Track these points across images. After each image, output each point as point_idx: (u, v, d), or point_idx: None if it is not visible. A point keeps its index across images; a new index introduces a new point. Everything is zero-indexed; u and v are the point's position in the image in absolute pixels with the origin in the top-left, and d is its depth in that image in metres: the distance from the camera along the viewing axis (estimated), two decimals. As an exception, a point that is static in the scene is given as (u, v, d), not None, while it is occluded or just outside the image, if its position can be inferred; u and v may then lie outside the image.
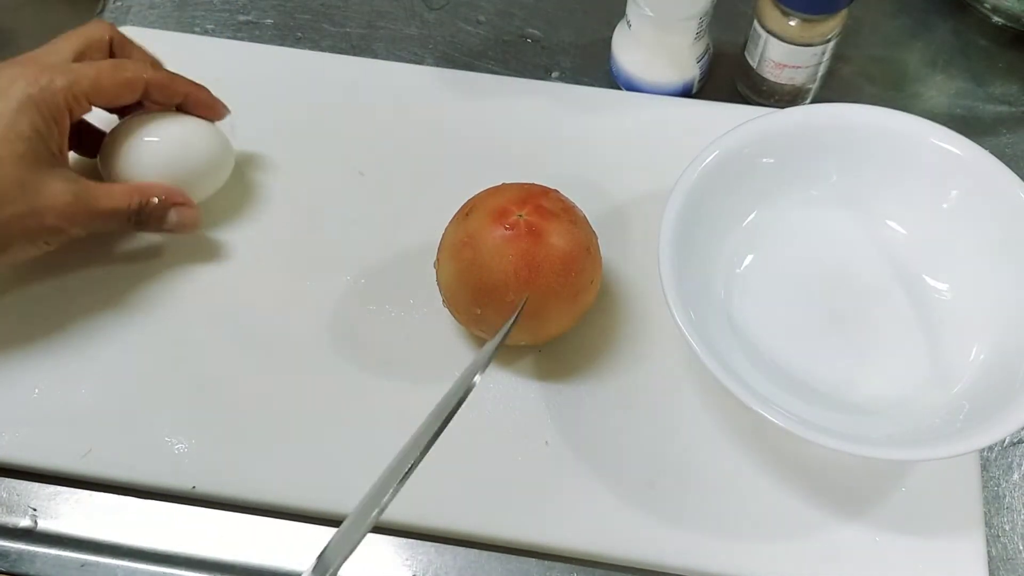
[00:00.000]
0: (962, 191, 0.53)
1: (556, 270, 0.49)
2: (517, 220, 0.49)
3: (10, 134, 0.47)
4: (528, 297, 0.49)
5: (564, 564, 0.50)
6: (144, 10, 0.69)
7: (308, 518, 0.51)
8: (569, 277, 0.49)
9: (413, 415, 0.52)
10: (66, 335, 0.55)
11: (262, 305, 0.56)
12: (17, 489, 0.52)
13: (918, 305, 0.54)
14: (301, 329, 0.55)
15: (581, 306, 0.52)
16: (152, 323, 0.55)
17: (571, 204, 0.52)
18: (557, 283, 0.49)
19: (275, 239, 0.58)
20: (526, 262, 0.48)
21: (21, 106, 0.47)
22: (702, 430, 0.52)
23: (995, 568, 0.50)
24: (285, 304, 0.56)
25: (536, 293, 0.49)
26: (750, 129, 0.53)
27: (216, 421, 0.53)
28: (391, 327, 0.55)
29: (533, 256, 0.48)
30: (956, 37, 0.68)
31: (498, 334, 0.47)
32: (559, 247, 0.49)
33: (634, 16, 0.60)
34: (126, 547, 0.51)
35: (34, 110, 0.47)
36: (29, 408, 0.53)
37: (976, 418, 0.47)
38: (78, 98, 0.49)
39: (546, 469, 0.51)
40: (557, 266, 0.49)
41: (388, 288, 0.56)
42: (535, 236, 0.49)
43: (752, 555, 0.49)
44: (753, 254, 0.55)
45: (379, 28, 0.69)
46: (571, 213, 0.51)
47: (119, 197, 0.51)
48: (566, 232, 0.50)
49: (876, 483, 0.51)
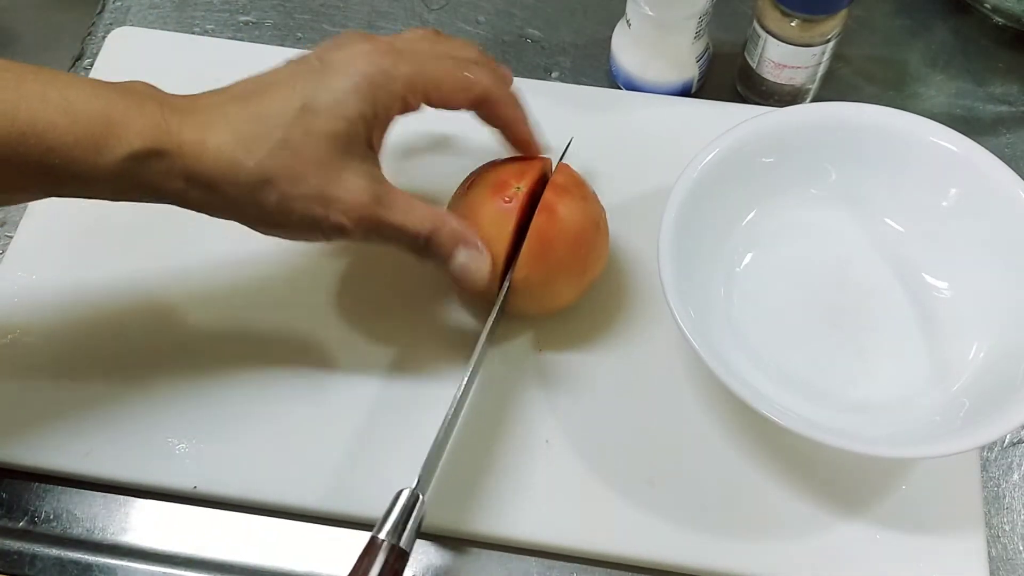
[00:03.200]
0: (961, 189, 0.53)
1: (568, 244, 0.50)
2: (516, 192, 0.50)
3: (335, 109, 0.43)
4: (514, 269, 0.50)
5: (564, 563, 0.50)
6: (144, 10, 0.69)
7: (309, 518, 0.51)
8: (579, 252, 0.51)
9: (414, 415, 0.53)
10: (67, 334, 0.55)
11: (263, 304, 0.56)
12: (17, 489, 0.52)
13: (917, 303, 0.54)
14: (302, 328, 0.55)
15: (589, 280, 0.53)
16: (153, 322, 0.55)
17: (582, 179, 0.53)
18: (568, 257, 0.50)
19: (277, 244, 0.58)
20: (538, 236, 0.49)
21: (357, 85, 0.43)
22: (702, 428, 0.52)
23: (995, 568, 0.50)
24: (286, 303, 0.56)
25: (548, 267, 0.50)
26: (749, 128, 0.53)
27: (217, 421, 0.53)
28: (393, 325, 0.55)
29: (546, 231, 0.49)
30: (956, 37, 0.68)
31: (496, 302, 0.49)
32: (571, 222, 0.50)
33: (634, 15, 0.60)
34: (126, 547, 0.51)
35: (368, 93, 0.43)
36: (30, 408, 0.53)
37: (976, 415, 0.47)
38: (416, 91, 0.45)
39: (546, 468, 0.51)
40: (569, 240, 0.50)
41: (390, 286, 0.56)
42: (548, 210, 0.49)
43: (752, 553, 0.49)
44: (753, 253, 0.55)
45: (379, 28, 0.69)
46: (582, 188, 0.52)
47: (416, 217, 0.45)
48: (577, 207, 0.51)
49: (876, 481, 0.51)
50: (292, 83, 0.44)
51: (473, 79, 0.47)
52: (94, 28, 0.69)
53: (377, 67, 0.44)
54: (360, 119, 0.44)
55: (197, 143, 0.42)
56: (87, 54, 0.67)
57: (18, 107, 0.40)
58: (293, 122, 0.43)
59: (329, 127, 0.43)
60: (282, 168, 0.42)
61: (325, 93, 0.43)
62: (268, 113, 0.43)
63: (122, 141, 0.41)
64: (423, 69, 0.45)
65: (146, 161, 0.41)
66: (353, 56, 0.44)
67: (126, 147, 0.41)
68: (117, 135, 0.41)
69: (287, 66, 0.45)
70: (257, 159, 0.42)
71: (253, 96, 0.44)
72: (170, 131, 0.42)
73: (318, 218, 0.44)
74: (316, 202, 0.43)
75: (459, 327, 0.55)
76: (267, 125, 0.43)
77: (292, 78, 0.44)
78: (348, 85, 0.43)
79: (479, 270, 0.47)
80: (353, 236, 0.45)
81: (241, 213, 0.44)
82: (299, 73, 0.44)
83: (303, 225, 0.44)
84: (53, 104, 0.40)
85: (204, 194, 0.43)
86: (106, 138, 0.41)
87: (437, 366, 0.54)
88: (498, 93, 0.48)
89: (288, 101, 0.43)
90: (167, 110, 0.42)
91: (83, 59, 0.67)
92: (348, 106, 0.43)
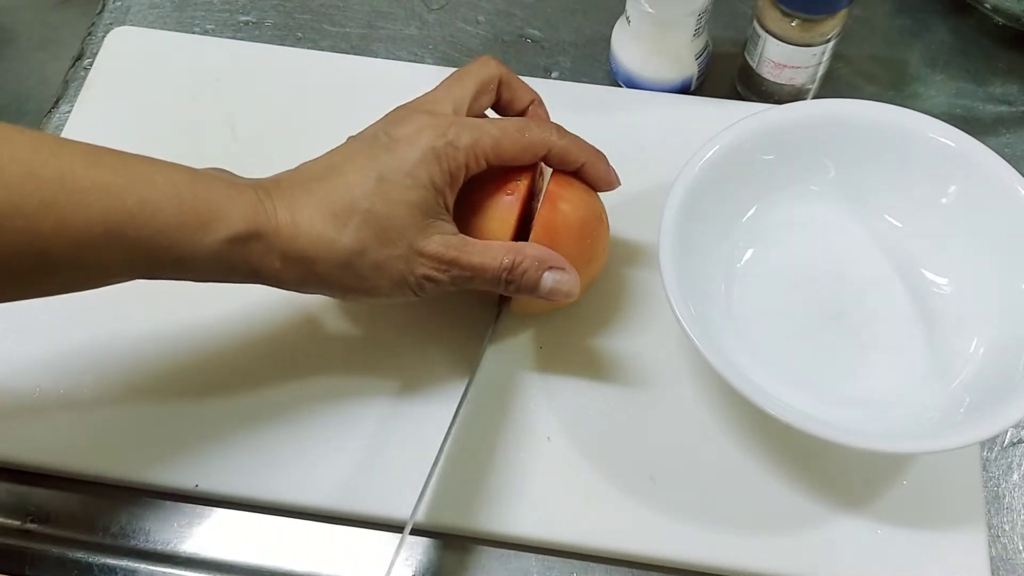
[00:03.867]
0: (960, 185, 0.53)
1: (573, 235, 0.50)
2: (517, 185, 0.50)
3: (408, 180, 0.46)
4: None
5: (565, 560, 0.50)
6: (144, 10, 0.69)
7: (310, 516, 0.51)
8: (584, 242, 0.51)
9: (415, 414, 0.53)
10: (67, 334, 0.55)
11: (264, 304, 0.56)
12: (17, 489, 0.52)
13: (917, 299, 0.54)
14: (303, 328, 0.55)
15: (592, 273, 0.53)
16: (153, 322, 0.55)
17: None
18: (574, 248, 0.50)
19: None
20: (544, 227, 0.50)
21: (424, 157, 0.46)
22: (702, 424, 0.52)
23: (995, 568, 0.50)
24: (287, 302, 0.56)
25: None
26: (749, 125, 0.53)
27: (219, 419, 0.52)
28: (393, 325, 0.55)
29: (552, 222, 0.50)
30: (956, 37, 0.69)
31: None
32: (576, 214, 0.51)
33: (633, 12, 0.60)
34: (126, 547, 0.51)
35: (435, 163, 0.46)
36: (30, 408, 0.53)
37: (977, 411, 0.47)
38: (479, 157, 0.48)
39: (547, 465, 0.51)
40: (574, 231, 0.51)
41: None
42: (553, 202, 0.50)
43: (753, 549, 0.49)
44: (753, 249, 0.56)
45: (379, 28, 0.69)
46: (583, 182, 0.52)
47: (493, 253, 0.48)
48: (581, 200, 0.51)
49: (877, 477, 0.51)
50: (366, 159, 0.47)
51: (538, 140, 0.50)
52: (94, 28, 0.69)
53: (442, 140, 0.47)
54: (431, 187, 0.47)
55: (290, 224, 0.45)
56: (87, 54, 0.67)
57: (127, 189, 0.41)
58: (374, 193, 0.46)
59: (407, 195, 0.46)
60: (372, 237, 0.45)
61: (398, 165, 0.46)
62: (350, 188, 0.46)
63: (226, 223, 0.43)
64: (482, 136, 0.48)
65: (247, 243, 0.44)
66: (419, 130, 0.47)
67: (230, 229, 0.43)
68: (221, 218, 0.43)
69: (354, 143, 0.48)
70: (349, 232, 0.45)
71: (332, 174, 0.47)
72: (267, 212, 0.44)
73: (406, 274, 0.47)
74: (404, 261, 0.46)
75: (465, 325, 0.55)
76: (352, 199, 0.45)
77: (363, 155, 0.47)
78: (417, 156, 0.46)
79: (569, 287, 0.49)
80: (444, 286, 0.48)
81: (336, 285, 0.47)
82: (369, 149, 0.47)
83: (393, 284, 0.47)
84: (160, 187, 0.42)
85: (300, 271, 0.46)
86: (211, 221, 0.43)
87: (439, 368, 0.54)
88: (560, 144, 0.50)
89: (366, 175, 0.46)
90: (261, 193, 0.45)
91: (83, 59, 0.67)
92: (420, 176, 0.46)
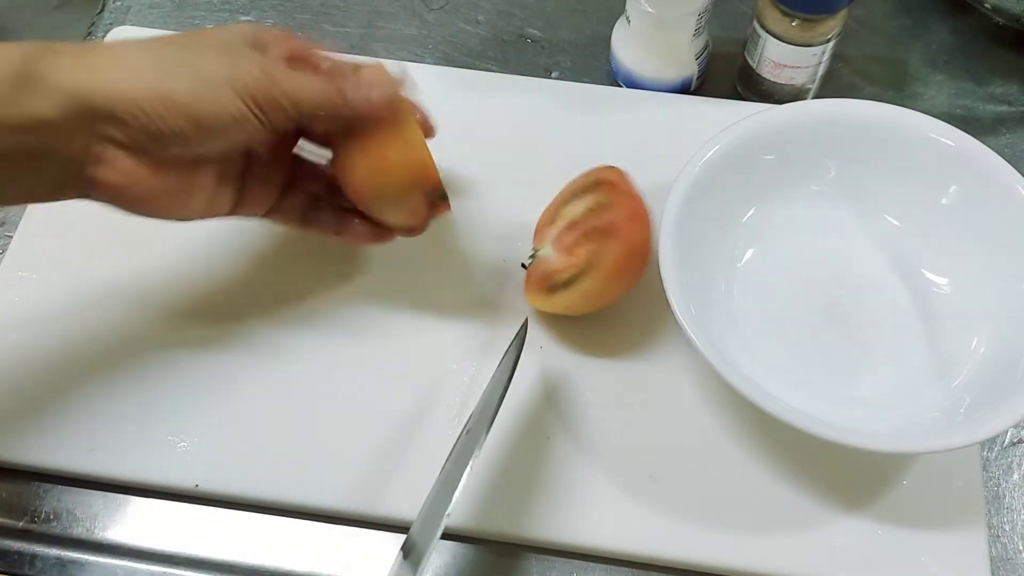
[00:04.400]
0: (960, 185, 0.53)
1: (641, 261, 0.52)
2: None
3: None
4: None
5: (564, 560, 0.50)
6: (144, 10, 0.69)
7: (311, 516, 0.51)
8: (639, 266, 0.52)
9: (415, 414, 0.52)
10: (67, 334, 0.55)
11: (264, 304, 0.56)
12: (17, 489, 0.52)
13: (918, 299, 0.54)
14: (304, 328, 0.55)
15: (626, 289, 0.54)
16: (154, 321, 0.55)
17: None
18: (635, 274, 0.52)
19: (277, 237, 0.58)
20: (628, 252, 0.51)
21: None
22: (703, 424, 0.52)
23: (995, 568, 0.50)
24: (287, 303, 0.56)
25: (622, 281, 0.52)
26: (750, 125, 0.53)
27: (219, 419, 0.53)
28: (394, 326, 0.55)
29: (635, 244, 0.51)
30: (956, 37, 0.69)
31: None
32: (644, 240, 0.52)
33: (633, 12, 0.60)
34: (126, 547, 0.51)
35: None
36: (31, 408, 0.53)
37: (977, 410, 0.47)
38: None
39: (547, 465, 0.51)
40: (642, 257, 0.52)
41: (392, 287, 0.56)
42: (640, 225, 0.51)
43: (753, 548, 0.49)
44: (753, 248, 0.56)
45: (379, 28, 0.69)
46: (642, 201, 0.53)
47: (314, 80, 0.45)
48: (648, 224, 0.52)
49: (878, 477, 0.51)
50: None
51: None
52: (94, 28, 0.69)
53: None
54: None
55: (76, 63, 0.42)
56: (87, 54, 0.67)
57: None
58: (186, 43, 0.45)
59: (213, 36, 0.45)
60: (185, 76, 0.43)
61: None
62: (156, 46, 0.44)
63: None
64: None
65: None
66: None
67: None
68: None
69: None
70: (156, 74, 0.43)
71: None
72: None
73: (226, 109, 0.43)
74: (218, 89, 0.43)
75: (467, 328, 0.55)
76: (158, 52, 0.44)
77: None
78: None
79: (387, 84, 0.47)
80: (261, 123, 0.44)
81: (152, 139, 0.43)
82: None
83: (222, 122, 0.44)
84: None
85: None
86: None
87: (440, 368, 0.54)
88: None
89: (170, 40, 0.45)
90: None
91: (83, 59, 0.67)
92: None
